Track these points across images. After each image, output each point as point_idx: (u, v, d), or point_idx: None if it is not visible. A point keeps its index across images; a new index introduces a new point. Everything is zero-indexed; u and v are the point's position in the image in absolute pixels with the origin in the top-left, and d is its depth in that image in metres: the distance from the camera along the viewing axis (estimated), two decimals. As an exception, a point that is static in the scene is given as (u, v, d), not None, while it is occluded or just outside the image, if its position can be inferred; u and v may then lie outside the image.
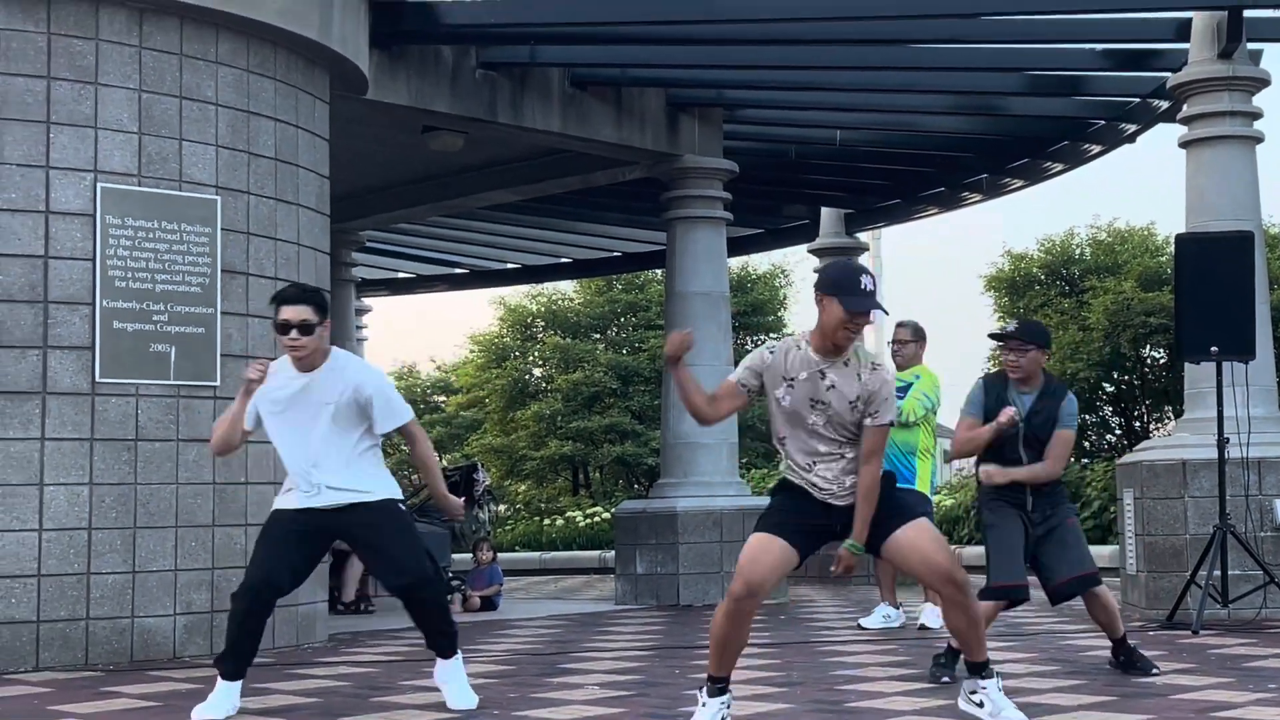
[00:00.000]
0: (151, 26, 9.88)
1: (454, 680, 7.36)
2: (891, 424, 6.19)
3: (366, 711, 7.25)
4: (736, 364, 18.79)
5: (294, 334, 6.99)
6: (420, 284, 23.34)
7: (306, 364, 7.09)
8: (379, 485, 7.25)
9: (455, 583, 14.51)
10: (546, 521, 26.29)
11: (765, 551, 6.05)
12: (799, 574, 17.55)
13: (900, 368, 11.39)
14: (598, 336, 32.14)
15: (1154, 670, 8.05)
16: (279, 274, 10.47)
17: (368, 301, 22.69)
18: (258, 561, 7.12)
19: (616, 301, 31.42)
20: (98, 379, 9.58)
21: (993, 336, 8.62)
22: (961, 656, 6.72)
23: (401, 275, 23.05)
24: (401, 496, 7.40)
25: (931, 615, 11.22)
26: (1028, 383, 8.26)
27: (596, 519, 25.06)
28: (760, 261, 32.99)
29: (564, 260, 21.95)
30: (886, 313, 6.18)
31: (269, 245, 10.47)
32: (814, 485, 6.17)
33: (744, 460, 27.91)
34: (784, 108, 15.58)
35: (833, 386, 6.08)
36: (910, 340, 11.45)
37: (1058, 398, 8.24)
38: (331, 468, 7.13)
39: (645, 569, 14.57)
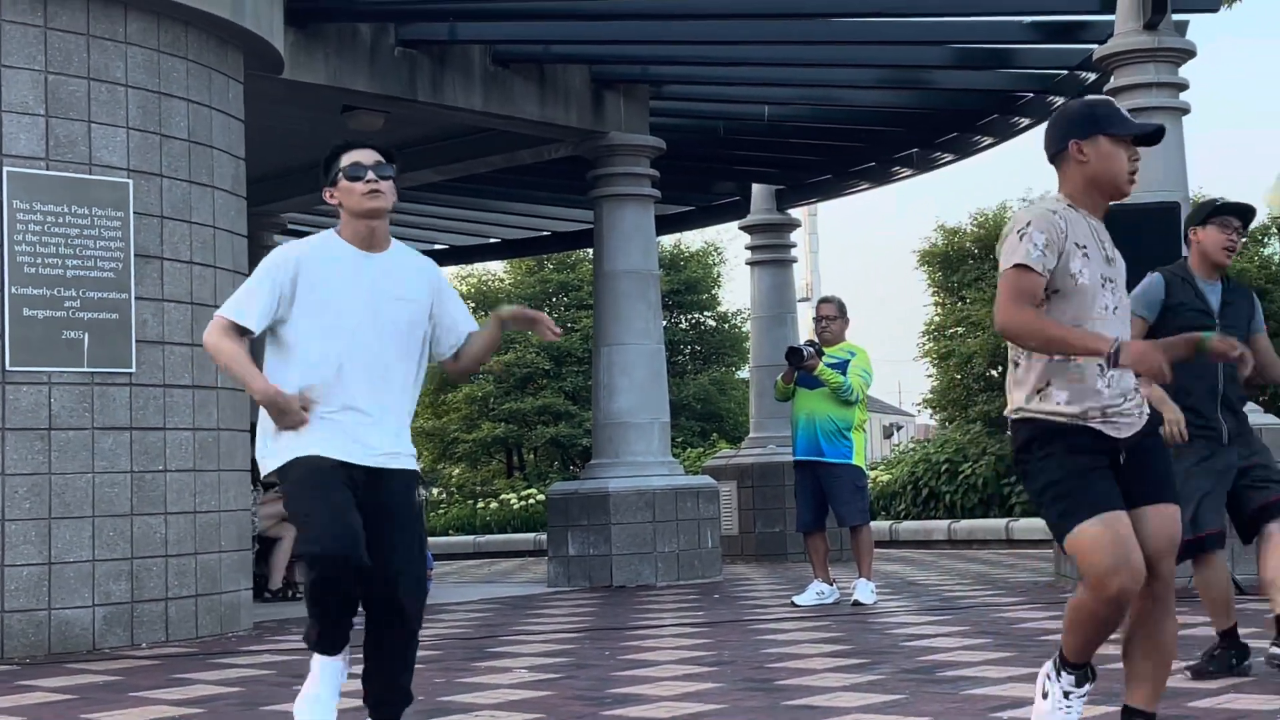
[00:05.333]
0: (57, 6, 9.64)
1: None
2: None
3: (289, 700, 7.04)
4: (667, 344, 18.59)
5: (371, 175, 5.40)
6: (347, 267, 23.10)
7: (379, 235, 5.48)
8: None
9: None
10: (480, 504, 26.19)
11: (1124, 522, 4.65)
12: (734, 553, 17.50)
13: (828, 344, 11.38)
14: (530, 318, 32.01)
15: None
16: (194, 258, 10.29)
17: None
18: (324, 524, 5.08)
19: (548, 281, 31.34)
20: (8, 367, 9.35)
21: (1223, 208, 6.98)
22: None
23: (327, 258, 22.78)
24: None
25: (865, 591, 11.17)
26: (1215, 272, 6.98)
27: (531, 501, 24.96)
28: (693, 240, 33.01)
29: (492, 240, 21.78)
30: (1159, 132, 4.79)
31: (184, 229, 10.26)
32: (1105, 412, 4.68)
33: (679, 439, 27.89)
34: (711, 83, 15.49)
35: (1113, 260, 4.80)
36: (837, 316, 11.48)
37: (1244, 292, 7.08)
38: (391, 405, 5.35)
39: (577, 550, 14.46)
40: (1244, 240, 7.07)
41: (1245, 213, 7.01)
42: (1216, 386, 6.90)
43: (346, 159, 5.43)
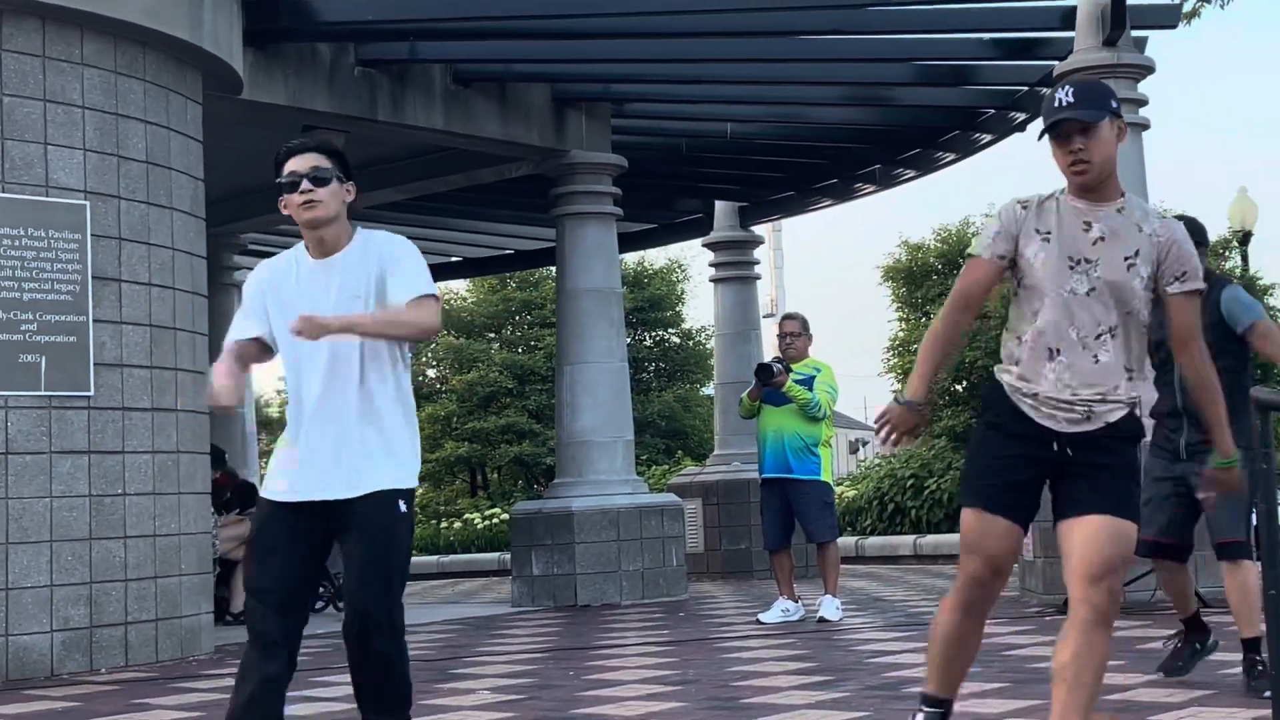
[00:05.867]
0: (12, 28, 9.57)
1: None
2: (1200, 292, 4.73)
3: (247, 726, 7.02)
4: (631, 362, 18.63)
5: (306, 185, 5.03)
6: (309, 287, 23.02)
7: (329, 241, 5.12)
8: (409, 453, 5.28)
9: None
10: (444, 524, 26.09)
11: (992, 525, 4.68)
12: (700, 570, 17.45)
13: (792, 360, 11.38)
14: (492, 335, 31.97)
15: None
16: (153, 279, 10.21)
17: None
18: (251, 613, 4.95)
19: (511, 300, 31.29)
20: (-36, 391, 9.27)
21: None
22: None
23: (288, 278, 22.71)
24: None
25: (831, 608, 11.15)
26: None
27: (495, 520, 24.88)
28: (657, 257, 33.02)
29: (455, 259, 21.72)
30: (1091, 120, 4.55)
31: (142, 250, 10.18)
32: (1037, 396, 4.66)
33: (644, 457, 27.86)
34: (673, 101, 15.48)
35: (1101, 239, 4.60)
36: (801, 333, 11.48)
37: (1212, 293, 6.47)
38: (358, 421, 5.03)
39: (541, 570, 14.40)
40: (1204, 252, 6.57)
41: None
42: (1176, 405, 6.73)
43: (285, 169, 5.08)
